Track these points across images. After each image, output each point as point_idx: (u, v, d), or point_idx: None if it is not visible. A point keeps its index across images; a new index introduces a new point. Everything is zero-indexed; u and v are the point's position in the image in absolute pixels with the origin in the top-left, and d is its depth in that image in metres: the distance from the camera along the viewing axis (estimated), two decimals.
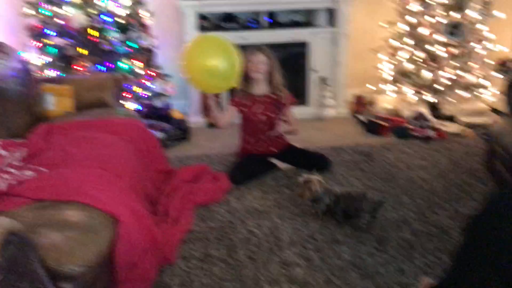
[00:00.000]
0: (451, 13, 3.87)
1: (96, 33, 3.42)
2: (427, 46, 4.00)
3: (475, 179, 2.96)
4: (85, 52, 3.44)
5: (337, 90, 4.37)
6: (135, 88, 3.61)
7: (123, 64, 3.54)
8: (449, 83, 4.01)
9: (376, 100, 4.39)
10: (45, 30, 3.41)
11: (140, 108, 3.64)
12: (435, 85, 4.05)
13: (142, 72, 3.67)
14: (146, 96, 3.69)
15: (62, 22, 3.39)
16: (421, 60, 4.05)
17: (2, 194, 1.82)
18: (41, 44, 3.44)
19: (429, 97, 4.06)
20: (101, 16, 3.42)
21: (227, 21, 4.15)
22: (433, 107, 4.15)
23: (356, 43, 4.45)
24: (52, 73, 3.43)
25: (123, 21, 3.55)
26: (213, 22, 4.19)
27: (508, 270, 1.00)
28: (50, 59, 3.45)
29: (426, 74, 4.01)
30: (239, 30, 4.14)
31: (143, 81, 3.68)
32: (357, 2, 4.23)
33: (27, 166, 2.08)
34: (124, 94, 3.50)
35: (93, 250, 1.57)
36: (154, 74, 3.77)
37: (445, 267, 1.38)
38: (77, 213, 1.70)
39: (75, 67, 3.42)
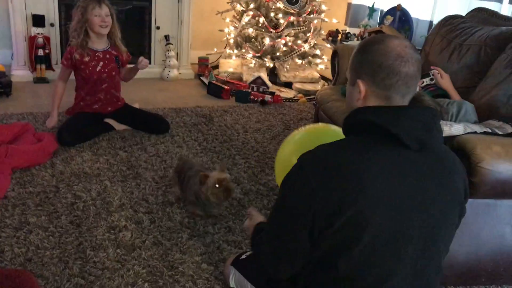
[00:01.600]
0: None
1: None
2: (270, 13, 4.13)
3: None
4: None
5: (181, 50, 4.28)
6: None
7: None
8: (287, 50, 4.22)
9: (220, 63, 4.42)
10: None
11: None
12: (275, 52, 4.22)
13: None
14: None
15: None
16: (262, 26, 4.17)
17: None
18: None
19: (268, 63, 4.22)
20: None
21: None
22: (272, 73, 4.34)
23: (202, 4, 4.39)
24: None
25: None
26: None
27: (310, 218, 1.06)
28: None
29: (266, 40, 4.15)
30: None
31: None
32: None
33: None
34: None
35: None
36: None
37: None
38: None
39: None
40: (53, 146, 2.64)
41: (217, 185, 2.02)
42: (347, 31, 4.31)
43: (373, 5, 4.23)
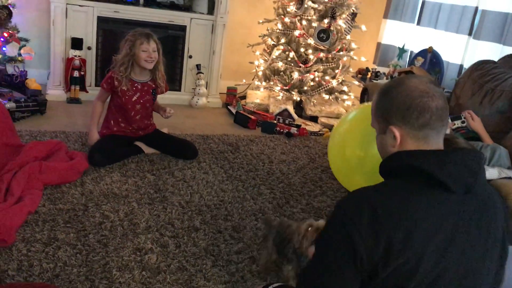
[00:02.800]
0: (325, 20, 4.11)
1: None
2: (301, 49, 4.20)
3: (328, 175, 3.19)
4: None
5: (211, 80, 4.37)
6: None
7: None
8: (314, 84, 4.27)
9: (247, 94, 4.49)
10: None
11: None
12: (302, 86, 4.27)
13: None
14: None
15: None
16: (292, 60, 4.24)
17: None
18: None
19: (295, 96, 4.27)
20: None
21: None
22: (299, 106, 4.39)
23: (234, 36, 4.50)
24: None
25: None
26: None
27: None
28: None
29: (295, 74, 4.21)
30: (111, 2, 3.90)
31: None
32: None
33: None
34: None
35: None
36: (8, 35, 3.36)
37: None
38: None
39: None
40: (84, 165, 2.69)
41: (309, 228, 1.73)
42: (376, 70, 4.35)
43: (403, 46, 4.27)
